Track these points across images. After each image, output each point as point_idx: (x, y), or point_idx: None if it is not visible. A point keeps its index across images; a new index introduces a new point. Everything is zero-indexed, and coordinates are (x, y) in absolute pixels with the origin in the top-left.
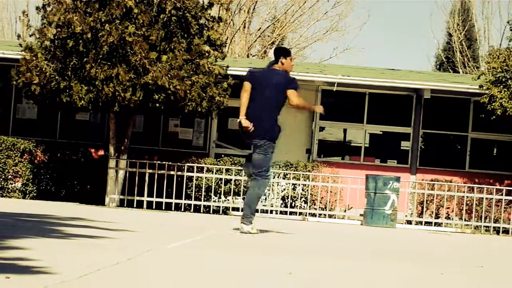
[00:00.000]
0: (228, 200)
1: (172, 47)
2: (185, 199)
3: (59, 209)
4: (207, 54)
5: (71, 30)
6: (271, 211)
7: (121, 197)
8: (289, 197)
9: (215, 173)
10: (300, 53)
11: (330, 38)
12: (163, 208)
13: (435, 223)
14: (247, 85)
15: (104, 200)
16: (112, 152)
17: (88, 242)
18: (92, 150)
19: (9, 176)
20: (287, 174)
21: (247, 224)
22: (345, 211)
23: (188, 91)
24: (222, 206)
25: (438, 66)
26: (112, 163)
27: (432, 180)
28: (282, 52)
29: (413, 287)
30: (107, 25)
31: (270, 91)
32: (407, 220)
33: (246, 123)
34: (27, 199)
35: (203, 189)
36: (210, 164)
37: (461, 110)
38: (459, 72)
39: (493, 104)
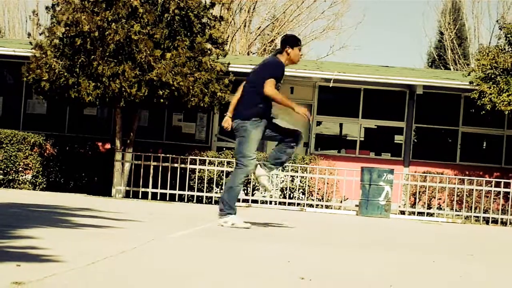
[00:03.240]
0: None
1: (176, 45)
2: (188, 191)
3: (68, 200)
4: (209, 51)
5: (79, 29)
6: (270, 202)
7: (127, 188)
8: (288, 188)
9: (217, 166)
10: None
11: (327, 36)
12: (167, 199)
13: (427, 214)
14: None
15: (111, 191)
16: (119, 146)
17: (95, 232)
18: (99, 144)
19: (20, 169)
20: (285, 167)
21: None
22: (341, 202)
23: (191, 87)
24: None
25: (430, 63)
26: (118, 156)
27: (424, 172)
28: (288, 42)
29: (407, 275)
30: (113, 24)
31: (252, 76)
32: (400, 211)
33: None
34: (37, 190)
35: (206, 181)
36: (212, 157)
37: (452, 105)
38: (450, 69)
39: (483, 99)
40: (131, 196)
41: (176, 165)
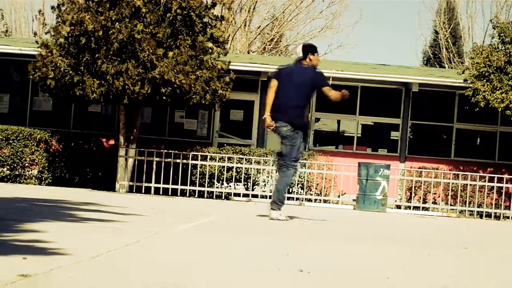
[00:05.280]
0: (230, 186)
1: (178, 44)
2: (190, 186)
3: (73, 195)
4: (210, 50)
5: (84, 28)
6: (270, 197)
7: (131, 183)
8: None
9: (218, 161)
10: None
11: (325, 35)
12: (170, 193)
13: (423, 208)
14: (274, 82)
15: (115, 186)
16: (122, 142)
17: (99, 225)
18: (104, 140)
19: (26, 164)
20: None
21: (276, 210)
22: (339, 196)
23: (192, 85)
24: (225, 192)
25: (425, 61)
26: (122, 152)
27: (420, 168)
28: (310, 49)
29: (403, 267)
30: (117, 23)
31: (300, 85)
32: (396, 205)
33: (269, 121)
34: (43, 185)
35: (207, 176)
36: (213, 153)
37: (447, 102)
38: (445, 67)
39: (477, 97)
40: (134, 191)
41: (178, 160)
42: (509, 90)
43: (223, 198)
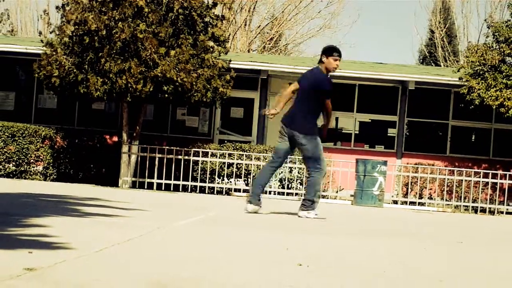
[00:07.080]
0: (230, 182)
1: (180, 43)
2: (191, 181)
3: (77, 190)
4: (211, 49)
5: (87, 28)
6: (270, 192)
7: (133, 179)
8: (286, 179)
9: (219, 158)
10: (296, 49)
11: (323, 34)
12: (171, 189)
13: (419, 203)
14: (293, 85)
15: (118, 182)
16: (125, 138)
17: (103, 220)
18: (107, 137)
19: (32, 160)
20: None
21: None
22: (337, 192)
23: (194, 83)
24: (225, 188)
25: (421, 60)
26: (125, 148)
27: (416, 164)
28: (324, 51)
29: (400, 261)
30: (120, 23)
31: (303, 91)
32: (393, 200)
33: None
34: (47, 181)
35: (208, 172)
36: (214, 149)
37: (443, 100)
38: (440, 66)
39: (472, 94)
40: (137, 187)
41: (180, 157)
42: (503, 88)
43: (223, 193)
